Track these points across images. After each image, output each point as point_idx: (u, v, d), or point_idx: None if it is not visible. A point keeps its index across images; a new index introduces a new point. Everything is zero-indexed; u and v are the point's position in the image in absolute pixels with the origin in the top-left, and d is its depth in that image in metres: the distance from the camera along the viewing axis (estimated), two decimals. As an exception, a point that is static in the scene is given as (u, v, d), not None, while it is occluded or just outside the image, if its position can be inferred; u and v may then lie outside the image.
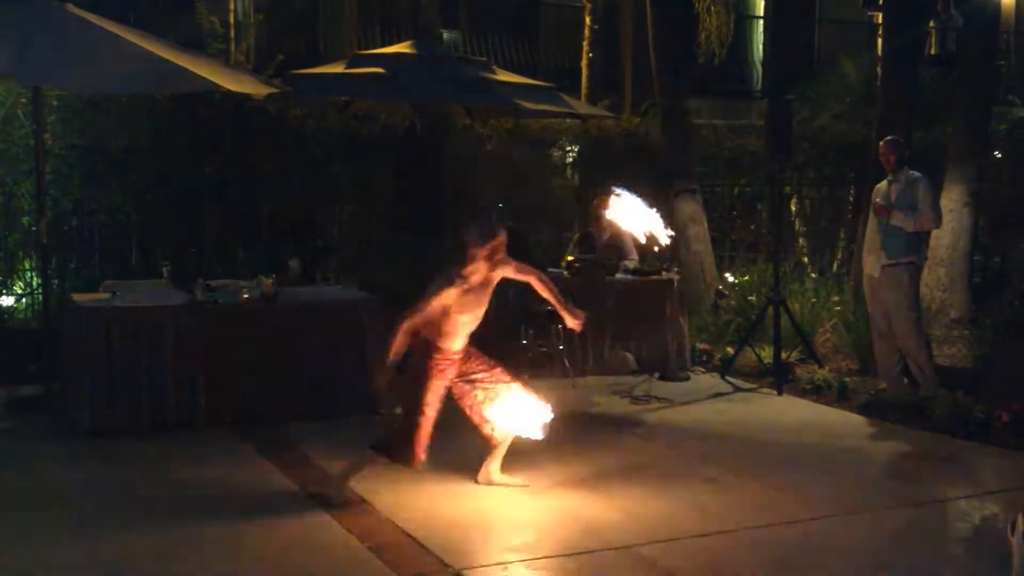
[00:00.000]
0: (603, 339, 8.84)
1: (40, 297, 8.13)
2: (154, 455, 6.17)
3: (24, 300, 9.22)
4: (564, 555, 4.68)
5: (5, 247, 9.37)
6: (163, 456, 6.16)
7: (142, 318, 6.65)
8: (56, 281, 8.04)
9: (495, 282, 5.32)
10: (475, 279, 5.19)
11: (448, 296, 5.12)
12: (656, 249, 7.46)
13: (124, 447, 6.30)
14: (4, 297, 9.11)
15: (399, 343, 5.11)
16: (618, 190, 7.30)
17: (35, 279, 9.02)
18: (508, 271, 5.35)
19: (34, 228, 8.45)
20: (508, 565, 4.54)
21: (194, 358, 6.71)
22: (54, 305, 7.66)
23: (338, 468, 5.56)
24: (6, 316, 8.93)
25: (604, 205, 9.27)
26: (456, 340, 5.28)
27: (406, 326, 5.11)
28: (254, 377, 6.84)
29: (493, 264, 5.23)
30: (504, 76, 9.37)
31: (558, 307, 5.49)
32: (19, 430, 6.80)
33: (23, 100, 8.83)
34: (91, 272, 8.87)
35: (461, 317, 5.21)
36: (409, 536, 4.84)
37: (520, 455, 6.15)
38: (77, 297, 7.17)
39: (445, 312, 5.15)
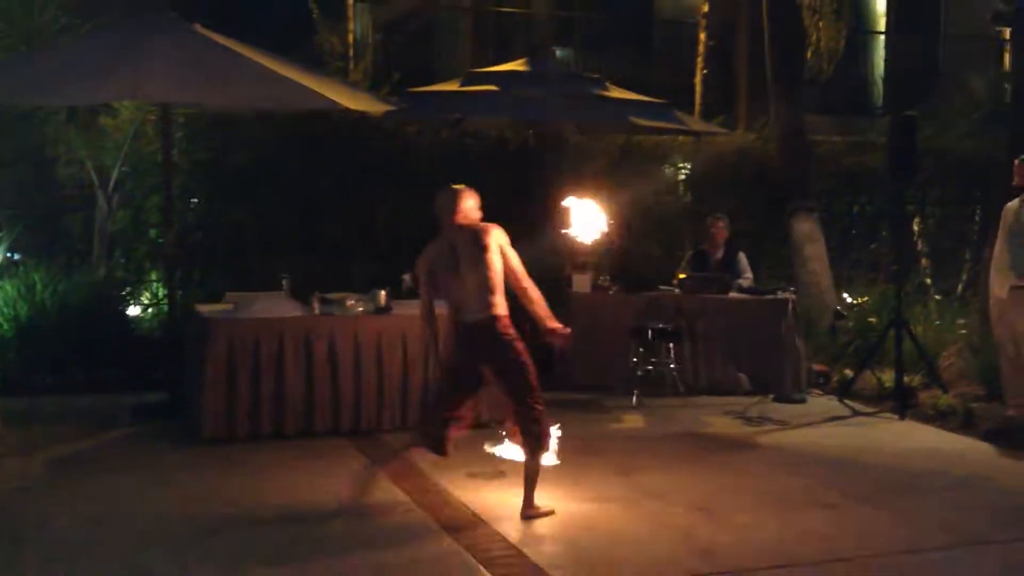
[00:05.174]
0: (715, 358, 8.71)
1: (166, 307, 8.41)
2: (271, 463, 6.31)
3: (150, 310, 9.57)
4: (676, 577, 4.59)
5: (134, 258, 9.74)
6: (280, 464, 6.30)
7: (263, 329, 6.83)
8: (180, 292, 8.31)
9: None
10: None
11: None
12: None
13: (243, 455, 6.47)
14: (132, 307, 9.48)
15: None
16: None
17: (160, 290, 9.35)
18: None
19: (160, 240, 8.76)
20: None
21: (312, 369, 6.86)
22: (178, 315, 7.93)
23: (449, 481, 5.58)
24: (133, 325, 9.27)
25: (717, 225, 9.20)
26: None
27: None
28: (370, 388, 6.99)
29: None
30: (617, 92, 9.33)
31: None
32: (142, 435, 7.04)
33: (152, 117, 9.19)
34: (213, 284, 9.14)
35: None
36: (520, 552, 4.82)
37: (624, 473, 6.10)
38: (200, 308, 7.40)
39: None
